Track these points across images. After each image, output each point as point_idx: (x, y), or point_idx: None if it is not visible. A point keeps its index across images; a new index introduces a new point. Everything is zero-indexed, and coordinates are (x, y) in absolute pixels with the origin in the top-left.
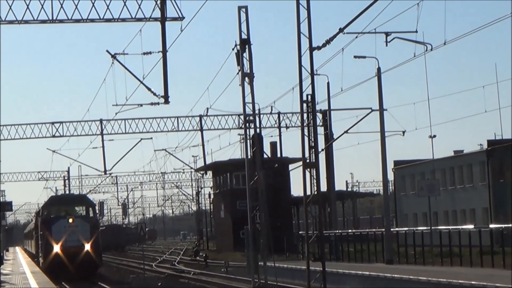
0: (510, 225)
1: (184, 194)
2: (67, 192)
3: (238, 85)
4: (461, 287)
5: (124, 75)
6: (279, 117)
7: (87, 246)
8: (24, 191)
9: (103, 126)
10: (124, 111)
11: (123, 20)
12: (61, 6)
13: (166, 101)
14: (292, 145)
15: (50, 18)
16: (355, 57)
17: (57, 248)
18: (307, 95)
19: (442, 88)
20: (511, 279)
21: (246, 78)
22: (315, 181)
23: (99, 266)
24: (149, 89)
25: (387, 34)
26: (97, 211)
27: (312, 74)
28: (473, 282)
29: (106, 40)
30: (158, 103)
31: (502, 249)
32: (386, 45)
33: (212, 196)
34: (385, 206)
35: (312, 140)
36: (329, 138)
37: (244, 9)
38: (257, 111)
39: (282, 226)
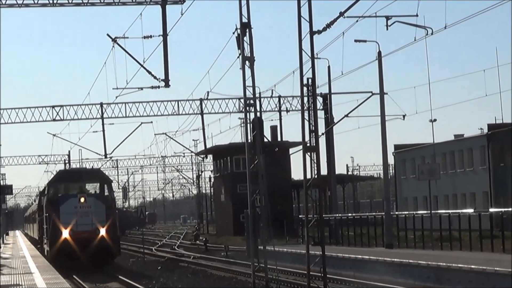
0: (510, 209)
1: (184, 178)
2: None
3: (238, 68)
4: (461, 271)
5: (124, 58)
6: (279, 100)
7: (102, 231)
8: (25, 174)
9: (104, 110)
10: (124, 94)
11: (124, 3)
12: None
13: (167, 85)
14: (292, 128)
15: (51, 1)
16: (355, 41)
17: (66, 233)
18: (307, 79)
19: (442, 72)
20: (511, 262)
21: (247, 62)
22: (315, 165)
23: (117, 255)
24: (149, 73)
25: (387, 18)
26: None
27: (313, 57)
28: (472, 266)
29: (106, 24)
30: (158, 87)
31: (502, 233)
32: (387, 29)
33: (212, 180)
34: (385, 190)
35: (313, 124)
36: (330, 122)
37: None
38: (257, 95)
39: (282, 210)
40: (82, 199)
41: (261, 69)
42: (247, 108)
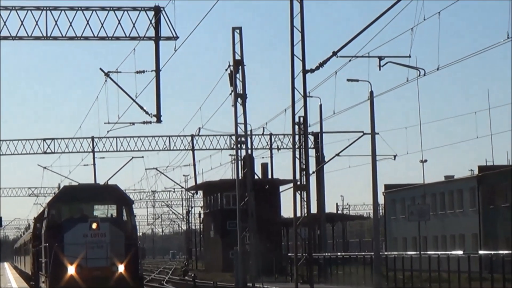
0: (499, 251)
1: (174, 213)
2: None
3: (230, 105)
4: None
5: (117, 93)
6: (270, 138)
7: (121, 267)
8: (14, 206)
9: (95, 144)
10: (116, 129)
11: (117, 38)
12: (56, 23)
13: (158, 120)
14: (283, 166)
15: (44, 35)
16: (348, 80)
17: (71, 270)
18: (299, 117)
19: (434, 113)
20: None
21: (239, 99)
22: (305, 203)
23: None
24: (141, 108)
25: (380, 58)
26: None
27: (305, 96)
28: None
29: (99, 58)
30: (150, 122)
31: (491, 275)
32: (379, 69)
33: (202, 216)
34: (374, 229)
35: (304, 162)
36: (321, 161)
37: (238, 30)
38: (249, 132)
39: (271, 247)
40: (94, 225)
41: (253, 107)
42: (239, 145)
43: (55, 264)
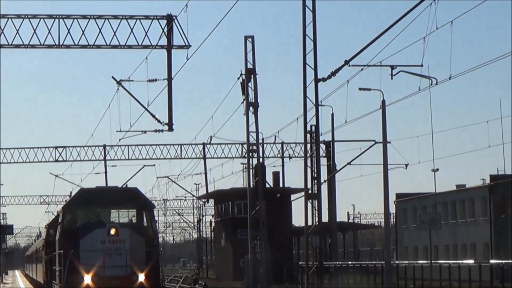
0: (510, 261)
1: (185, 222)
2: None
3: (242, 114)
4: None
5: (129, 101)
6: (282, 147)
7: (141, 277)
8: (25, 214)
9: (107, 152)
10: (128, 137)
11: (130, 46)
12: (68, 32)
13: (170, 129)
14: (295, 175)
15: (57, 43)
16: (360, 89)
17: (88, 279)
18: (311, 126)
19: (446, 122)
20: None
21: (251, 107)
22: (316, 212)
23: None
24: (153, 116)
25: (392, 67)
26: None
27: (317, 105)
28: None
29: (111, 66)
30: (162, 130)
31: (502, 285)
32: (391, 78)
33: (213, 224)
34: (386, 238)
35: (315, 171)
36: (332, 169)
37: (250, 39)
38: (260, 141)
39: (282, 256)
40: (113, 231)
41: (265, 115)
42: (250, 153)
43: (70, 272)
